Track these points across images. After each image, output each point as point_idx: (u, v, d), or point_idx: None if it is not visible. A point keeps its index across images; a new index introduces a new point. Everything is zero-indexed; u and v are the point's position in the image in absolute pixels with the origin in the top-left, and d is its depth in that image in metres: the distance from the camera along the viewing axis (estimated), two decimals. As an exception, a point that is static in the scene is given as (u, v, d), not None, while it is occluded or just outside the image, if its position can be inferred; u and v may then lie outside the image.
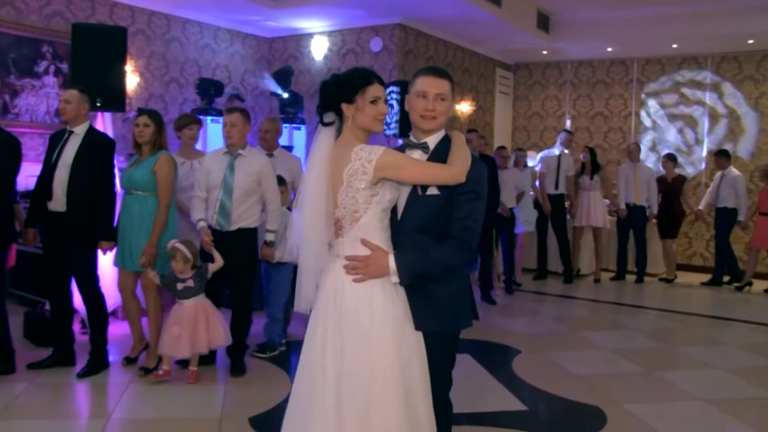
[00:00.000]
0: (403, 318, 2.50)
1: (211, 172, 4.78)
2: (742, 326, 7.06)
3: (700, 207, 9.54)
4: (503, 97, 12.04)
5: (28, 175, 4.79)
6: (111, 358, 5.11)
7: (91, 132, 4.78)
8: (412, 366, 2.47)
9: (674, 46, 10.31)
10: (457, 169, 2.48)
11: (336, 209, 2.51)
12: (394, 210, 2.59)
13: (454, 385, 2.72)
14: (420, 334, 2.54)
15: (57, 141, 4.76)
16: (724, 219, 9.17)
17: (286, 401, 4.35)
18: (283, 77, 8.98)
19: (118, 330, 5.82)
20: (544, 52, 11.22)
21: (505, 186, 8.08)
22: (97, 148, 4.73)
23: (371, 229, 2.50)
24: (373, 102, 2.51)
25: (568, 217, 9.45)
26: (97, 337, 4.86)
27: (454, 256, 2.51)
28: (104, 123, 5.65)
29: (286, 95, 8.88)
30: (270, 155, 5.63)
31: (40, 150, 6.85)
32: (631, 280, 9.40)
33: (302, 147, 8.66)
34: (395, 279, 2.47)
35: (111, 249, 4.87)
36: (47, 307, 5.40)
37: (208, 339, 4.63)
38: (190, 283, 4.62)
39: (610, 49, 10.82)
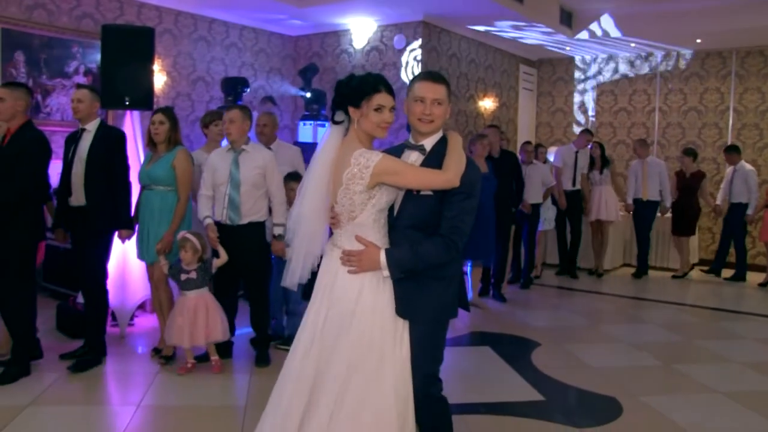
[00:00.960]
0: (387, 308, 2.67)
1: (217, 170, 4.89)
2: (761, 320, 7.06)
3: (718, 202, 9.54)
4: (527, 93, 12.07)
5: (59, 173, 4.96)
6: (140, 349, 5.28)
7: (103, 127, 4.93)
8: (385, 351, 2.63)
9: (698, 41, 10.27)
10: (451, 174, 2.60)
11: (335, 205, 2.69)
12: (391, 207, 2.74)
13: (473, 375, 2.82)
14: (404, 325, 2.69)
15: (71, 140, 4.93)
16: (738, 214, 9.17)
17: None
18: (305, 75, 9.12)
19: (146, 323, 6.00)
20: (568, 48, 11.24)
21: (530, 181, 8.10)
22: (110, 141, 4.87)
23: (366, 227, 2.67)
24: (377, 110, 2.65)
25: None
26: (94, 331, 4.91)
27: (442, 253, 2.63)
28: (132, 121, 5.81)
29: (308, 95, 9.00)
30: (268, 148, 5.78)
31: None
32: (654, 276, 9.42)
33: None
34: (386, 273, 2.63)
35: (129, 237, 5.02)
36: (79, 299, 5.58)
37: (206, 333, 4.74)
38: (193, 275, 4.74)
39: (633, 45, 10.81)
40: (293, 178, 5.28)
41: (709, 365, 5.39)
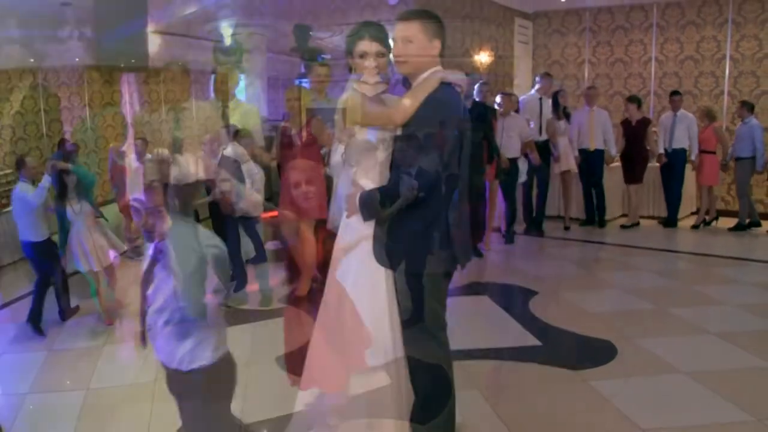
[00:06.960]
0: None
1: None
2: (756, 265, 7.14)
3: (661, 150, 9.23)
4: (522, 46, 11.99)
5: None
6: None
7: None
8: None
9: (694, -12, 10.20)
10: (392, 112, 2.71)
11: None
12: None
13: (472, 323, 2.89)
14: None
15: None
16: (681, 160, 9.16)
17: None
18: (300, 38, 9.01)
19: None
20: (563, 0, 11.16)
21: (507, 134, 7.81)
22: None
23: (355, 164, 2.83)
24: (362, 57, 2.76)
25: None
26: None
27: (398, 188, 2.64)
28: (128, 84, 5.83)
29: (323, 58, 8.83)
30: None
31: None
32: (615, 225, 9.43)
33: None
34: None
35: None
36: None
37: None
38: None
39: (628, -6, 10.74)
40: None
41: (704, 308, 5.47)
